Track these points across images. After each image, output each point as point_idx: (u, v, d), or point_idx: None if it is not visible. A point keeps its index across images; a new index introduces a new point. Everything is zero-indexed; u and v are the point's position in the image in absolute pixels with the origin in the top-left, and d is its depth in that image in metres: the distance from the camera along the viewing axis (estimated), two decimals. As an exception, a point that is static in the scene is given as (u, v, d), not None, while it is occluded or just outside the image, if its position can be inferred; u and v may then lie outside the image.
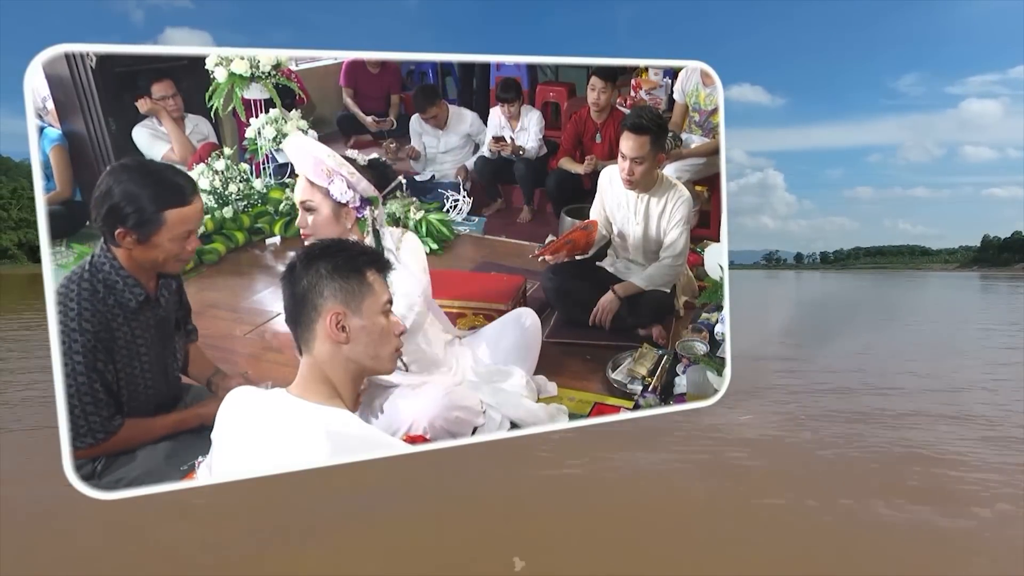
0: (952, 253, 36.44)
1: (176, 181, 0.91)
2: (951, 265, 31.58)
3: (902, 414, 4.82)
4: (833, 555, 2.61)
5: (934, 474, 3.52)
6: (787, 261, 52.22)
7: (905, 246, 42.03)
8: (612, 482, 3.39)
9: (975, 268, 29.15)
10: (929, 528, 2.86)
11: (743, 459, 3.74)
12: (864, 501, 3.12)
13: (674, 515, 3.01)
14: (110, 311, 0.91)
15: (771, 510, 3.03)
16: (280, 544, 2.60)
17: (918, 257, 38.04)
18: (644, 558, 2.57)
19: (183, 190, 0.90)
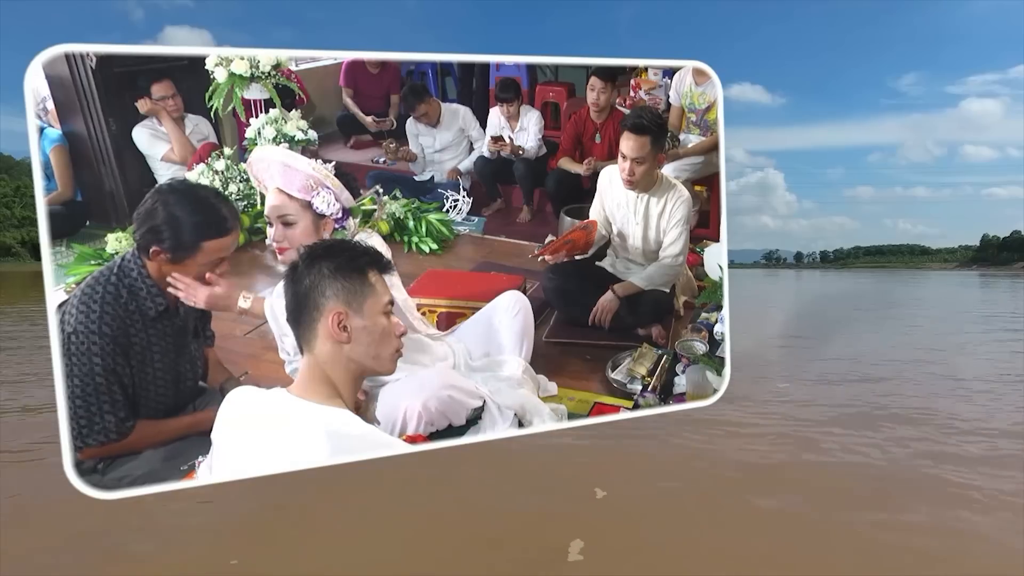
0: (952, 252, 36.44)
1: (220, 213, 0.93)
2: (950, 264, 31.56)
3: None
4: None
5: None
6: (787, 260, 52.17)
7: (905, 245, 42.06)
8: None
9: (974, 267, 29.17)
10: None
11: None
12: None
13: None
14: (130, 316, 0.93)
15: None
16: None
17: (917, 256, 38.05)
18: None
19: (225, 222, 0.92)
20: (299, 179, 1.07)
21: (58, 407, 0.68)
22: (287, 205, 1.08)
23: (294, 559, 2.40)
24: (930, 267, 31.79)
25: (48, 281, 0.67)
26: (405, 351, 0.94)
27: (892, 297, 12.63)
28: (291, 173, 1.08)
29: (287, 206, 1.08)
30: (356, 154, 1.56)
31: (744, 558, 2.38)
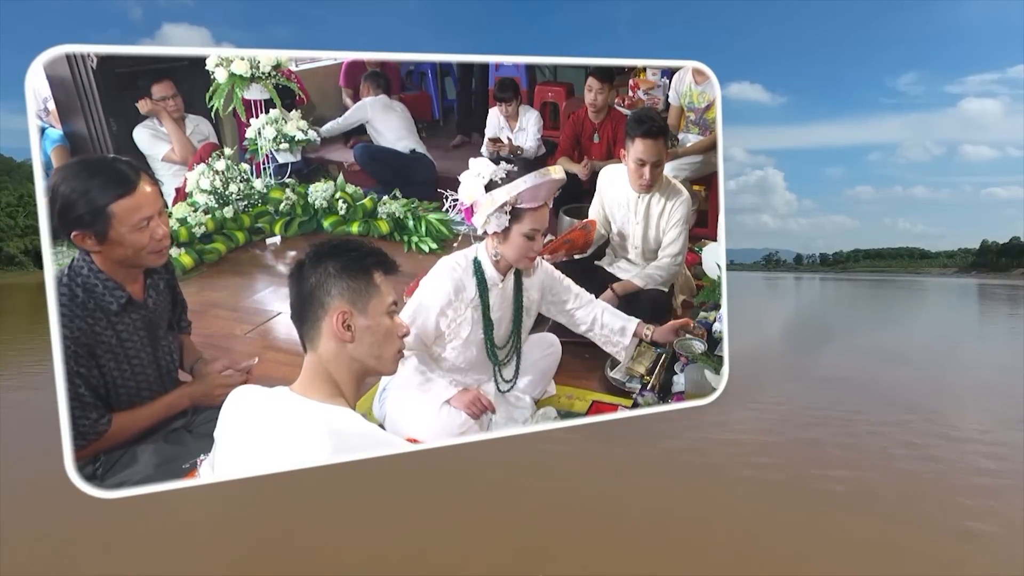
0: (951, 256, 36.43)
1: (116, 168, 0.86)
2: (950, 269, 31.55)
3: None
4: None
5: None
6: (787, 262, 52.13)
7: (904, 248, 42.05)
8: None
9: (973, 273, 29.17)
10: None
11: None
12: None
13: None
14: (91, 315, 0.89)
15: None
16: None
17: (917, 260, 38.06)
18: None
19: (124, 177, 0.85)
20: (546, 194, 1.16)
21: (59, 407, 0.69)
22: (547, 215, 1.18)
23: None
24: (929, 271, 31.69)
25: (49, 281, 0.67)
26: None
27: (892, 314, 11.93)
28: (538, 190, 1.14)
29: (548, 216, 1.18)
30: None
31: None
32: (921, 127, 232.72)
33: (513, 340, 1.26)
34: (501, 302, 1.23)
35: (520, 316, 1.26)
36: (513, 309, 1.25)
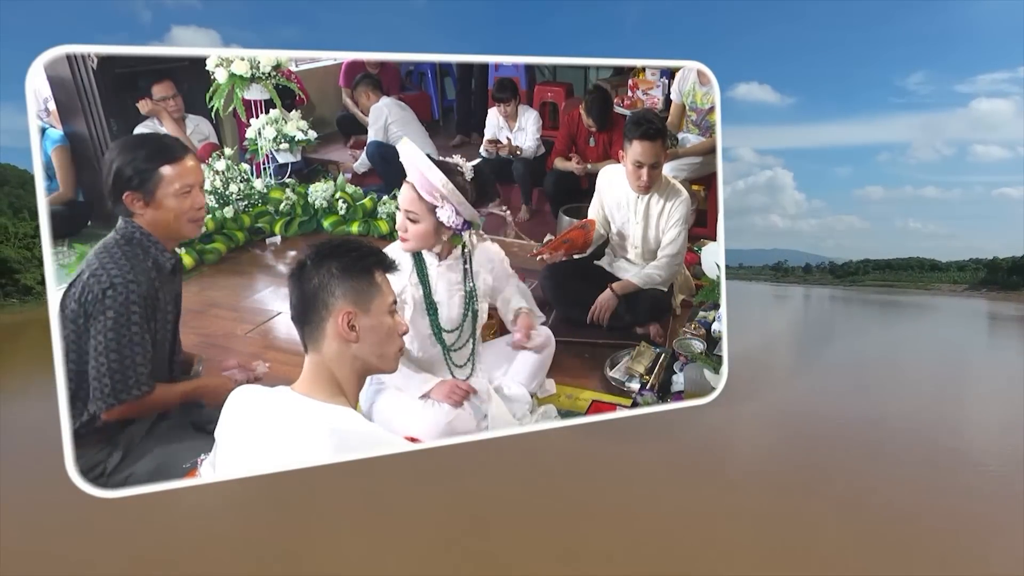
0: (961, 269, 36.49)
1: (165, 142, 0.97)
2: (960, 287, 31.67)
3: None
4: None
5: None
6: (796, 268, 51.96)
7: (915, 259, 42.08)
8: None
9: (983, 290, 29.32)
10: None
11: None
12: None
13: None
14: (150, 272, 0.94)
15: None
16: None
17: (928, 272, 38.20)
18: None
19: (172, 148, 0.95)
20: (429, 188, 1.12)
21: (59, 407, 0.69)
22: (415, 203, 1.13)
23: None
24: (939, 287, 31.69)
25: (49, 280, 0.67)
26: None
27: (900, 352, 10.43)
28: (424, 181, 1.12)
29: (414, 204, 1.13)
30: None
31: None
32: (931, 127, 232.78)
33: (467, 325, 1.25)
34: (448, 286, 1.23)
35: (472, 299, 1.25)
36: (464, 292, 1.24)
